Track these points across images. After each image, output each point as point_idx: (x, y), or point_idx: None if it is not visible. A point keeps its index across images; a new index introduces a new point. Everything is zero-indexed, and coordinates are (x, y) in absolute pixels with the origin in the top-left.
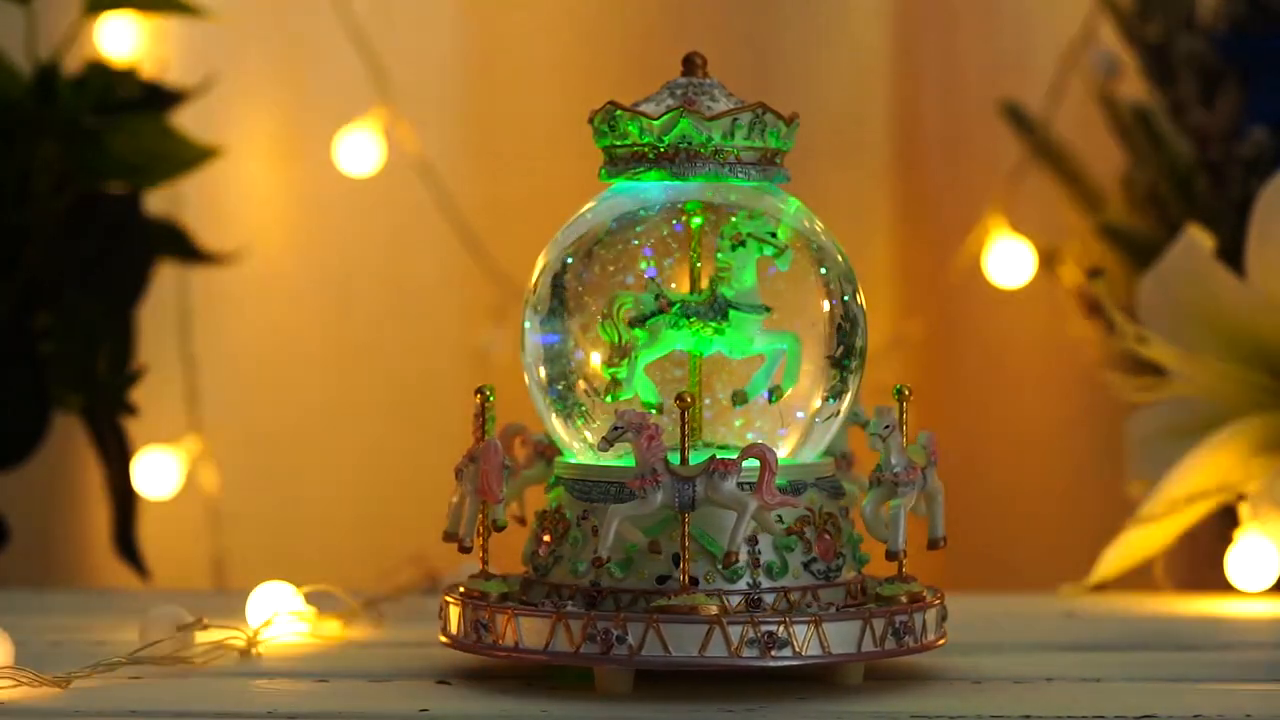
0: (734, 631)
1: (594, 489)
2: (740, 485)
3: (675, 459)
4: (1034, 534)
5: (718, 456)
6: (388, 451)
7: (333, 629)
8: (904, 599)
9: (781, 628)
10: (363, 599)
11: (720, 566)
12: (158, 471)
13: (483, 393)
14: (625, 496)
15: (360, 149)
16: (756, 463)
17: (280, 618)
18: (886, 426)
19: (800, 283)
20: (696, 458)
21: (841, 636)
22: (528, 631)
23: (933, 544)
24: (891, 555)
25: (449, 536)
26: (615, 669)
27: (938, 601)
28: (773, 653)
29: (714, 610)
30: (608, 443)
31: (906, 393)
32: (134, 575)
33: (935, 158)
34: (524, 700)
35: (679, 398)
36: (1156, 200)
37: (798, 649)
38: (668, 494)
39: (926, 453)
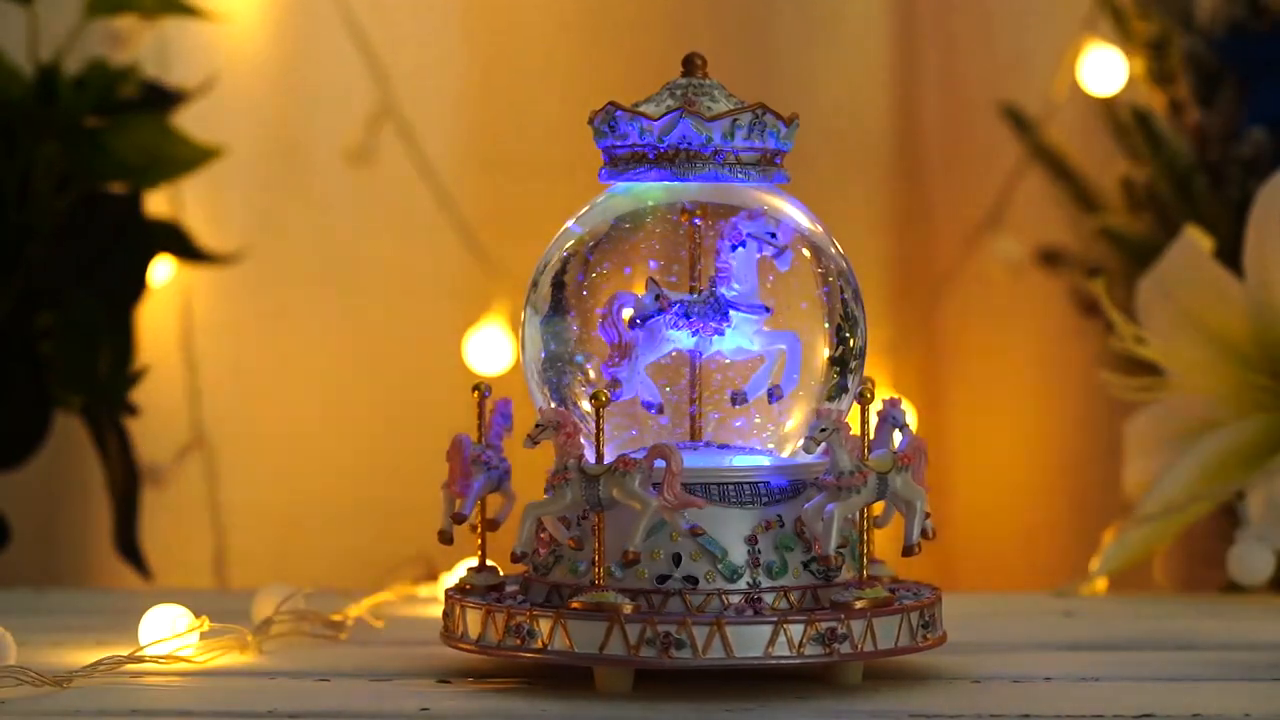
0: (632, 630)
1: None
2: (655, 485)
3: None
4: (1034, 534)
5: (627, 456)
6: (388, 451)
7: (333, 629)
8: (857, 605)
9: (678, 628)
10: (363, 599)
11: (622, 563)
12: (160, 471)
13: (479, 389)
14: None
15: (362, 150)
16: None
17: (280, 618)
18: (823, 429)
19: (800, 283)
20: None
21: (748, 641)
22: (471, 623)
23: (907, 551)
24: (823, 560)
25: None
26: (612, 670)
27: (908, 608)
28: (671, 653)
29: (625, 608)
30: (532, 440)
31: (868, 395)
32: (135, 575)
33: (935, 158)
34: (524, 700)
35: (594, 396)
36: (1155, 201)
37: (697, 650)
38: (576, 491)
39: (894, 458)
